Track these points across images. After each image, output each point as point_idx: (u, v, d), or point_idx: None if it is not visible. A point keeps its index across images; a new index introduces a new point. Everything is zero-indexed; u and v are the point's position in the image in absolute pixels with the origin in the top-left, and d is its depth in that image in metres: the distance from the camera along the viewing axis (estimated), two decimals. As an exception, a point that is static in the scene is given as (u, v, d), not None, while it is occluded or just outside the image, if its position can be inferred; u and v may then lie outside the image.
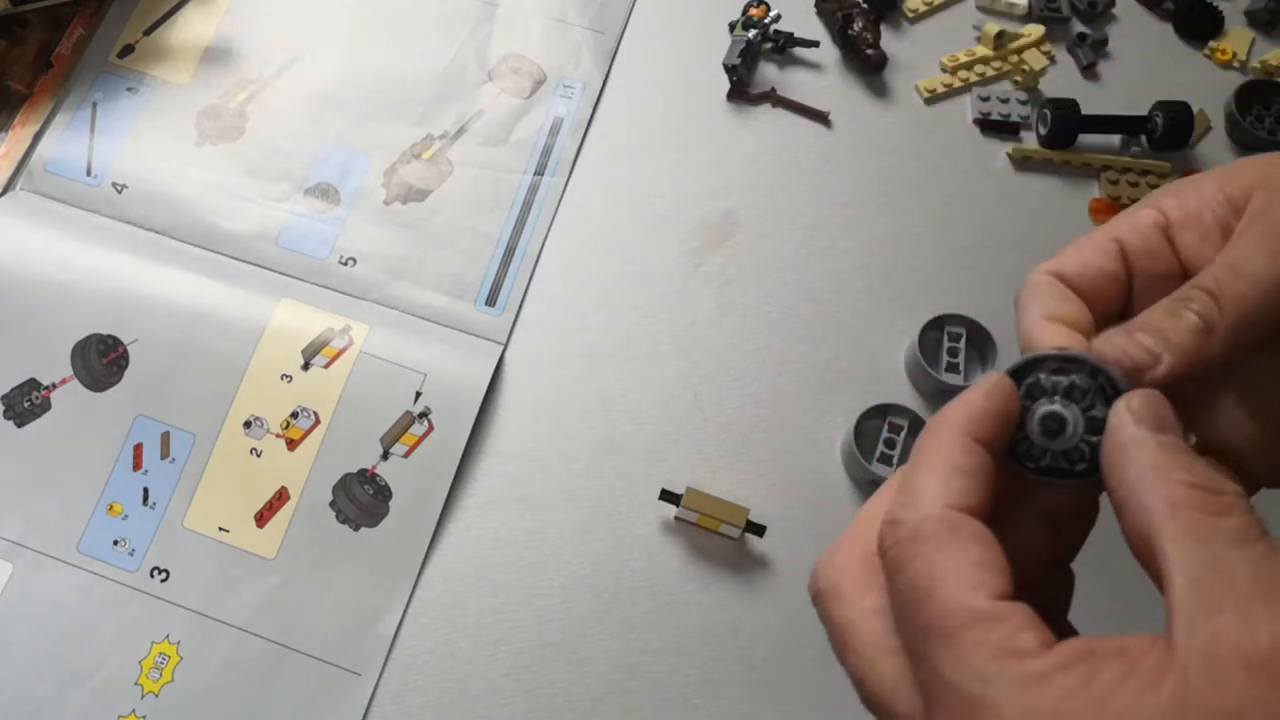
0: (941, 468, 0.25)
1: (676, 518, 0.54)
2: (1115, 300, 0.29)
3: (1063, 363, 0.26)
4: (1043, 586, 0.27)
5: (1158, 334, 0.26)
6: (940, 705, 0.23)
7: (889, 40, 0.66)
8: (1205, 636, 0.21)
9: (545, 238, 0.60)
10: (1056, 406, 0.26)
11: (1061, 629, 0.26)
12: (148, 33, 0.64)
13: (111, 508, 0.53)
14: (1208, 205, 0.28)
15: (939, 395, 0.56)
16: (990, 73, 0.65)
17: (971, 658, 0.22)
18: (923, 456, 0.26)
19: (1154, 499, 0.23)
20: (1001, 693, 0.21)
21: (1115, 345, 0.26)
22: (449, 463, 0.54)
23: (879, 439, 0.54)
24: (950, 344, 0.57)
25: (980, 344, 0.57)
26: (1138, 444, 0.24)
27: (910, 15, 0.67)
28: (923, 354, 0.55)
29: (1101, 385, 0.26)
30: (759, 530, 0.52)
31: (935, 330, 0.57)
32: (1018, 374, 0.27)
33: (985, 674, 0.22)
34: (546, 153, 0.62)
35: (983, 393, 0.26)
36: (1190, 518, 0.22)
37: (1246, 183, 0.28)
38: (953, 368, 0.56)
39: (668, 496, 0.52)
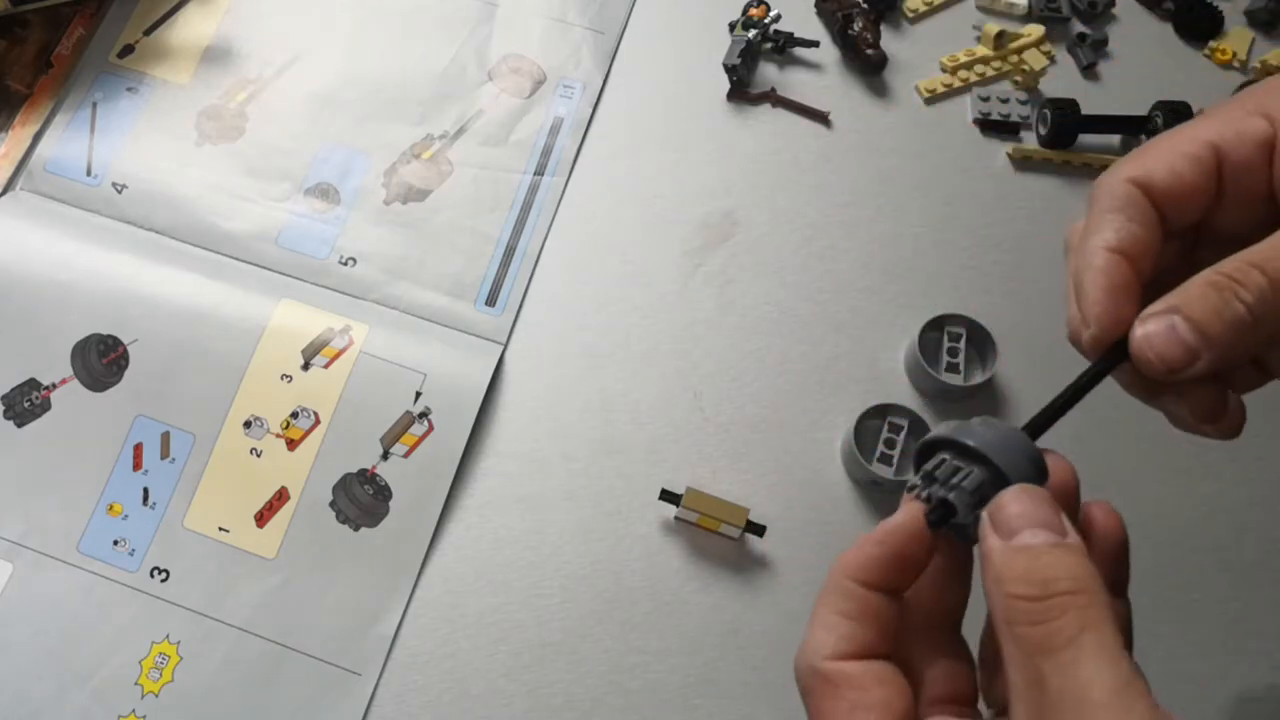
0: (826, 619, 0.28)
1: (676, 518, 0.54)
2: (1197, 214, 0.27)
3: (963, 456, 0.28)
4: None
5: (1199, 329, 0.25)
6: None
7: (889, 40, 0.66)
8: None
9: (545, 238, 0.60)
10: (947, 495, 0.28)
11: None
12: (148, 33, 0.64)
13: (111, 508, 0.53)
14: None
15: (939, 395, 0.56)
16: (990, 73, 0.65)
17: None
18: (816, 606, 0.28)
19: (995, 611, 0.25)
20: None
21: (1152, 345, 0.26)
22: (449, 463, 0.54)
23: (879, 439, 0.54)
24: (950, 344, 0.57)
25: (980, 344, 0.57)
26: (988, 555, 0.25)
27: (910, 15, 0.67)
28: (923, 354, 0.55)
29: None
30: (759, 530, 0.52)
31: (935, 330, 0.57)
32: (929, 448, 0.29)
33: None
34: (546, 153, 0.62)
35: (874, 541, 0.28)
36: (1016, 633, 0.24)
37: None
38: (953, 368, 0.56)
39: (668, 496, 0.52)
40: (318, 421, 0.54)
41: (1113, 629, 0.24)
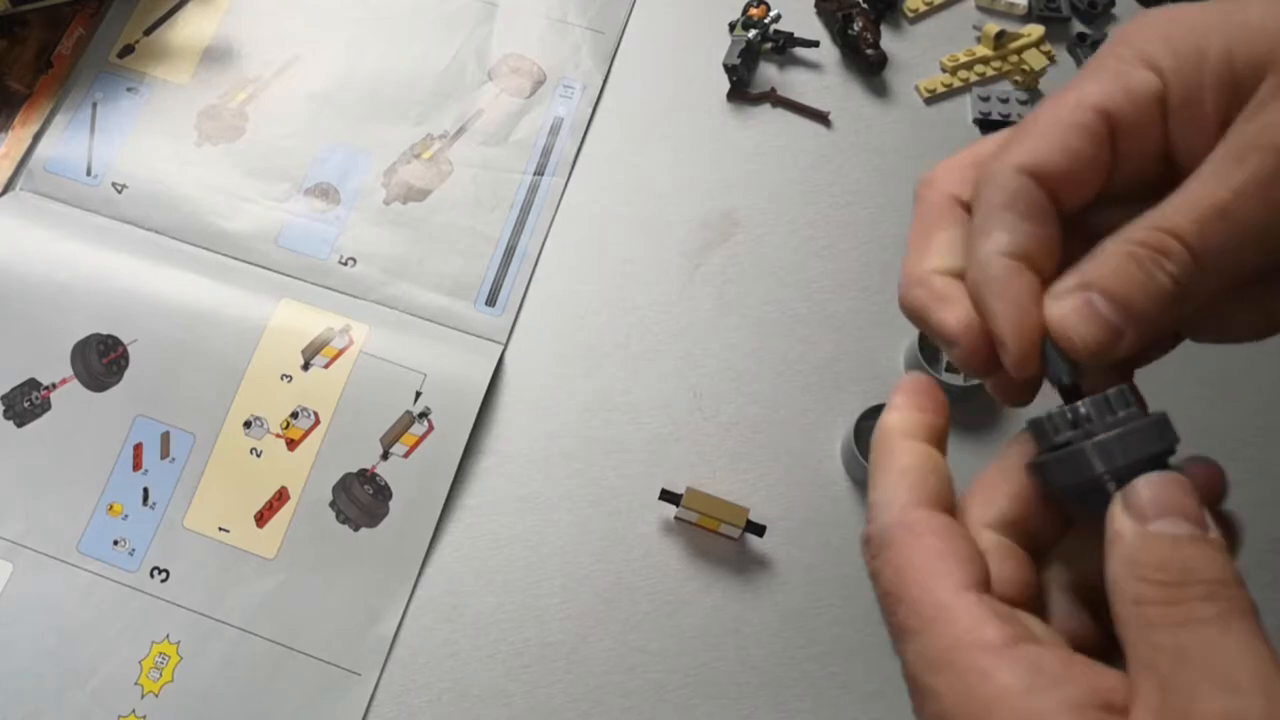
0: (889, 475, 0.25)
1: (676, 518, 0.54)
2: (1094, 193, 0.25)
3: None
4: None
5: (1120, 303, 0.23)
6: (912, 697, 0.23)
7: (889, 40, 0.66)
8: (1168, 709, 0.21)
9: (545, 238, 0.60)
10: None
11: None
12: (148, 33, 0.64)
13: (111, 508, 0.53)
14: (1211, 83, 0.23)
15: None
16: (990, 72, 0.65)
17: (929, 650, 0.22)
18: (873, 471, 0.26)
19: (1120, 593, 0.22)
20: (945, 683, 0.22)
21: (1071, 324, 0.23)
22: (449, 463, 0.54)
23: (879, 439, 0.54)
24: None
25: None
26: (1119, 536, 0.23)
27: (910, 15, 0.67)
28: (922, 354, 0.55)
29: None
30: (759, 530, 0.52)
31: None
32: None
33: (938, 664, 0.22)
34: (546, 153, 0.62)
35: (902, 395, 0.26)
36: (1148, 614, 0.22)
37: (1262, 51, 0.23)
38: (953, 368, 0.56)
39: (668, 496, 0.52)
40: (318, 421, 0.54)
41: (1257, 622, 0.22)
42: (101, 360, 0.55)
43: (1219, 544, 0.23)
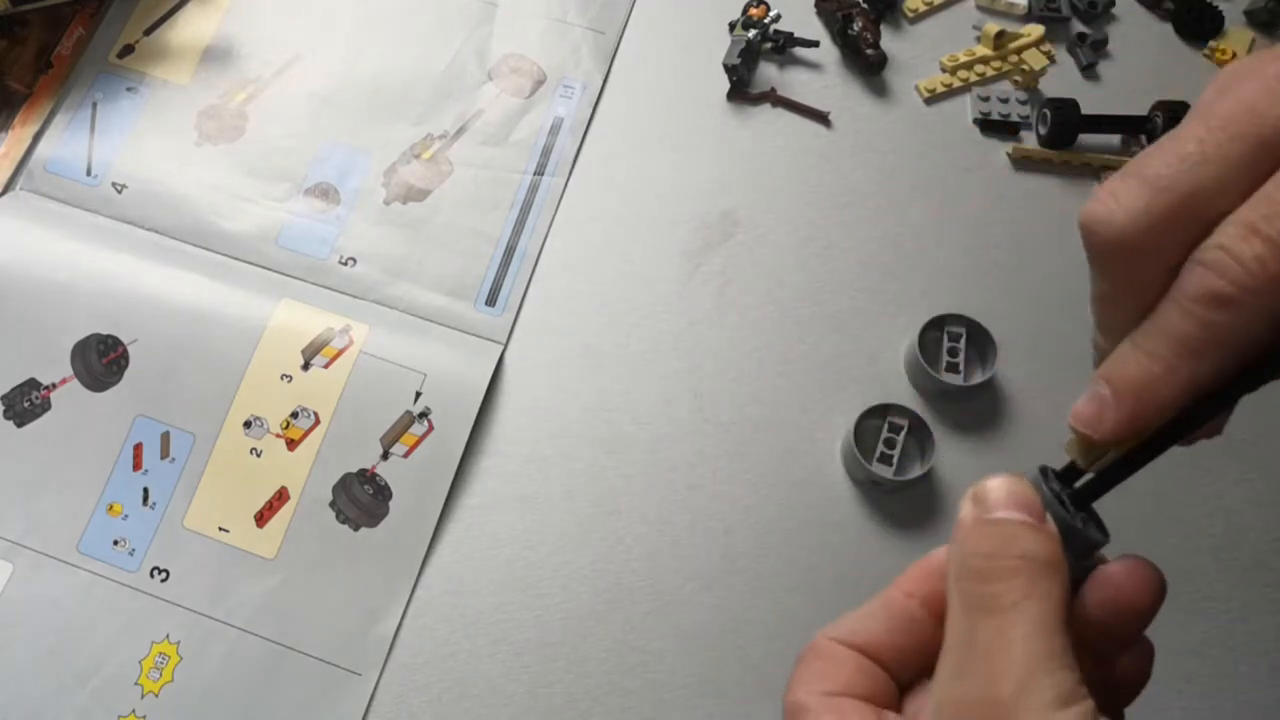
0: (853, 612, 0.28)
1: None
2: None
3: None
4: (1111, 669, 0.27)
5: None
6: None
7: (889, 40, 0.66)
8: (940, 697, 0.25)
9: (545, 238, 0.60)
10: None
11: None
12: (148, 33, 0.64)
13: (111, 508, 0.53)
14: None
15: (939, 395, 0.56)
16: (990, 73, 0.65)
17: None
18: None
19: (949, 570, 0.26)
20: None
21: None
22: (449, 463, 0.54)
23: (879, 439, 0.54)
24: (950, 344, 0.57)
25: (980, 344, 0.57)
26: (959, 523, 0.26)
27: (910, 15, 0.67)
28: (923, 354, 0.55)
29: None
30: None
31: (935, 330, 0.57)
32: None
33: None
34: (546, 153, 0.62)
35: (919, 562, 0.29)
36: (962, 589, 0.25)
37: None
38: (952, 368, 0.56)
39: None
40: (318, 421, 0.54)
41: (1058, 605, 0.24)
42: (101, 360, 0.55)
43: (1050, 535, 0.25)
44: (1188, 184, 0.23)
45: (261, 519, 0.53)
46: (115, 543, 0.52)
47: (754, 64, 0.65)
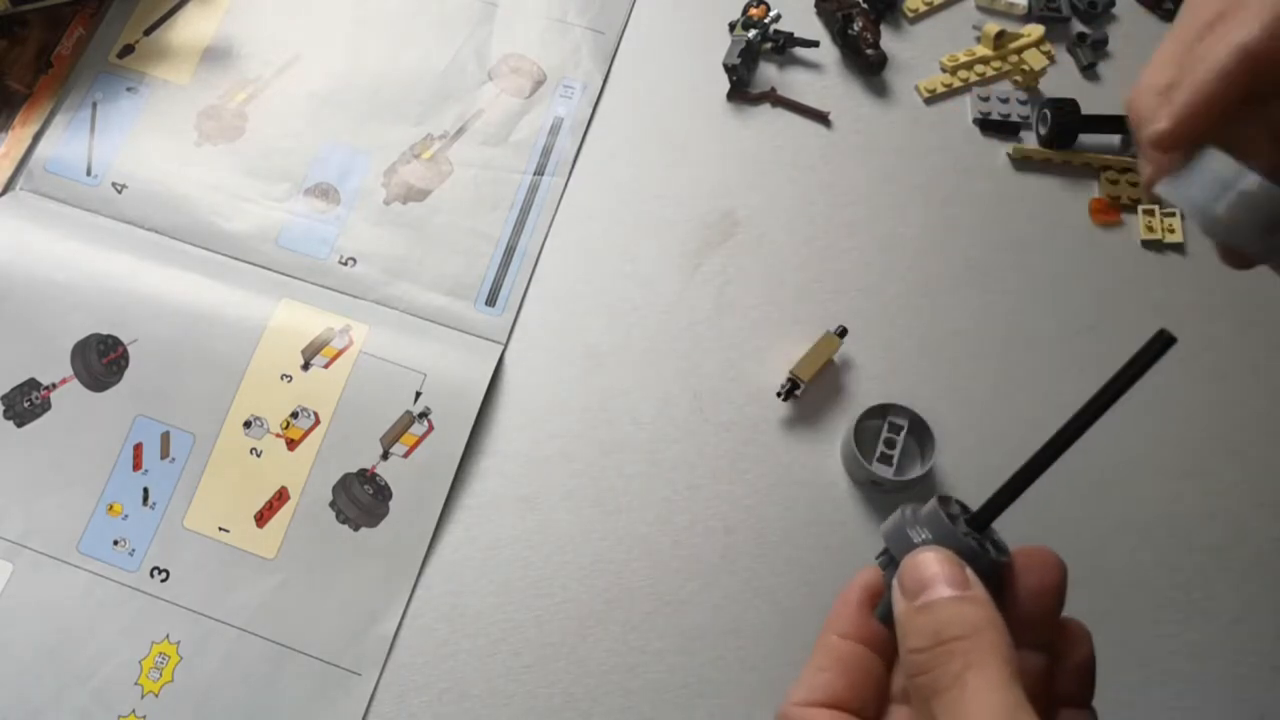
0: (805, 670, 0.30)
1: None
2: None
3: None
4: None
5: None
6: None
7: (889, 40, 0.66)
8: None
9: (545, 238, 0.60)
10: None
11: None
12: (148, 33, 0.64)
13: (111, 508, 0.53)
14: None
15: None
16: (990, 73, 0.65)
17: None
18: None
19: (903, 667, 0.28)
20: None
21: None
22: (449, 463, 0.54)
23: (879, 439, 0.54)
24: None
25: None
26: (897, 618, 0.28)
27: (910, 15, 0.67)
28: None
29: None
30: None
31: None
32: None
33: None
34: (546, 153, 0.62)
35: (842, 599, 0.30)
36: (914, 684, 0.26)
37: None
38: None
39: None
40: (318, 421, 0.54)
41: (1000, 662, 0.25)
42: (101, 360, 0.55)
43: (977, 599, 0.26)
44: None
45: (261, 519, 0.53)
46: (115, 543, 0.52)
47: (754, 64, 0.65)
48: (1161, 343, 0.26)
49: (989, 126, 0.64)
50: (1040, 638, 0.29)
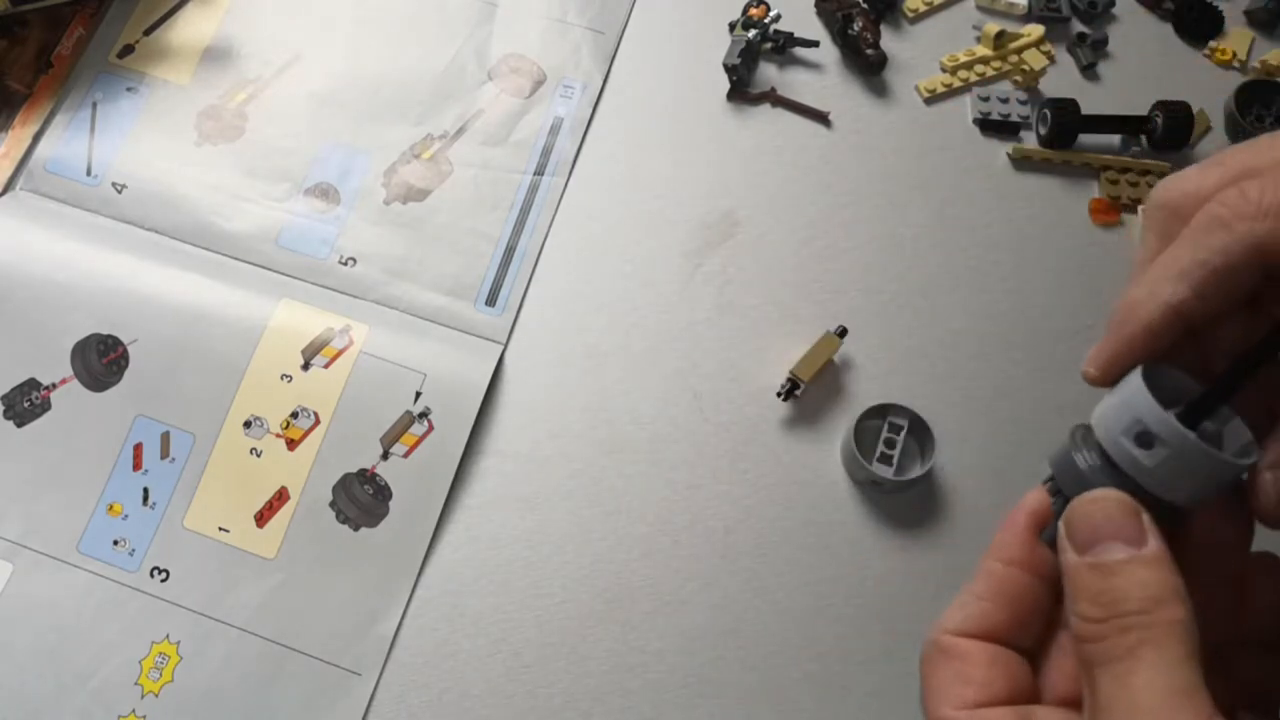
0: (961, 596, 0.28)
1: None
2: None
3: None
4: (1235, 669, 0.27)
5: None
6: None
7: (889, 40, 0.66)
8: None
9: (545, 238, 0.60)
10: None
11: None
12: (148, 33, 0.64)
13: (111, 508, 0.53)
14: None
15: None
16: (990, 73, 0.65)
17: None
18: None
19: (1070, 622, 0.25)
20: None
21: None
22: (449, 463, 0.54)
23: (879, 439, 0.54)
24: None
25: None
26: (1065, 570, 0.26)
27: (910, 15, 0.67)
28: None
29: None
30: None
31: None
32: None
33: None
34: (546, 153, 0.62)
35: (1009, 523, 0.28)
36: (1081, 649, 0.25)
37: None
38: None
39: None
40: (318, 421, 0.54)
41: (1177, 642, 0.23)
42: (101, 360, 0.55)
43: (1153, 559, 0.24)
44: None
45: (261, 519, 0.53)
46: (115, 543, 0.52)
47: (754, 64, 0.65)
48: None
49: (989, 126, 0.64)
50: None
